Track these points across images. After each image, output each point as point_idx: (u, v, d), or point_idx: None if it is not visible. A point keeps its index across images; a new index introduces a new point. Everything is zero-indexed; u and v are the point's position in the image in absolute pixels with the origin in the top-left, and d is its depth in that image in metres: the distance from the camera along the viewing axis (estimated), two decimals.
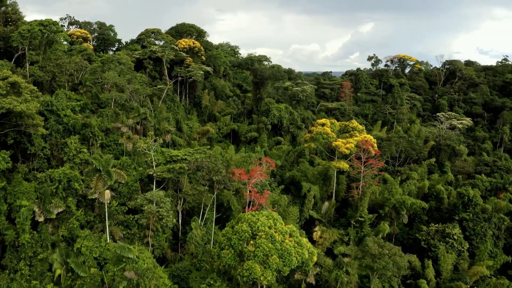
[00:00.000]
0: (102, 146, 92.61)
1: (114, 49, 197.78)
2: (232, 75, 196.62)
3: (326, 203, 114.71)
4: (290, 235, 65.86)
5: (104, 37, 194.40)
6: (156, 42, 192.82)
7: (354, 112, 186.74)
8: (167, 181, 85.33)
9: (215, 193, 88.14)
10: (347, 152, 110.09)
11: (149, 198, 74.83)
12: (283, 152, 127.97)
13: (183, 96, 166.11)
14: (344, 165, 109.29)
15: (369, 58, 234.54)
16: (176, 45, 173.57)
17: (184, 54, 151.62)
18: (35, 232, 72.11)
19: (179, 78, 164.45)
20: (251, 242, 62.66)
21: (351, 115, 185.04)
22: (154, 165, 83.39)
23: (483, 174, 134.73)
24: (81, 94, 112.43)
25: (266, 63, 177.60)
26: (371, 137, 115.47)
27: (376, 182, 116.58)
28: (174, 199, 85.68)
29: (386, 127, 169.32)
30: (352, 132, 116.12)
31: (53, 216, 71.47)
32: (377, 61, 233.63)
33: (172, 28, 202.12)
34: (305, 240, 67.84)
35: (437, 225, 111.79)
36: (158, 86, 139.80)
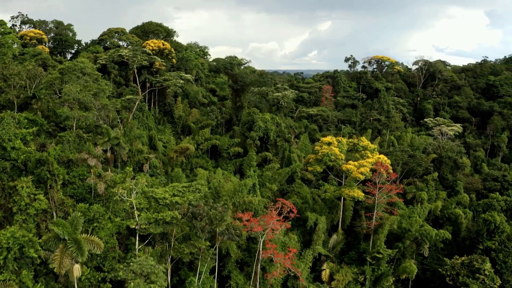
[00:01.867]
0: (64, 184, 68.81)
1: (73, 51, 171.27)
2: (204, 79, 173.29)
3: (335, 236, 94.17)
4: None
5: (61, 37, 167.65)
6: (120, 43, 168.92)
7: (337, 118, 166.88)
8: (154, 234, 62.31)
9: (217, 245, 66.00)
10: (361, 177, 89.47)
11: (135, 270, 51.73)
12: (279, 174, 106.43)
13: (151, 104, 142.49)
14: (358, 193, 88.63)
15: (346, 60, 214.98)
16: (144, 47, 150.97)
17: (159, 60, 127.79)
18: None
19: (148, 85, 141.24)
20: None
21: (336, 122, 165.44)
22: (136, 214, 60.28)
23: (497, 193, 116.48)
24: (35, 110, 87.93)
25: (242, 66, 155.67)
26: (385, 158, 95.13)
27: (395, 211, 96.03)
28: (163, 256, 63.00)
29: (379, 137, 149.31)
30: (362, 152, 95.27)
31: None
32: (355, 62, 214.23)
33: (137, 28, 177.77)
34: None
35: (462, 257, 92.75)
36: (127, 97, 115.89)
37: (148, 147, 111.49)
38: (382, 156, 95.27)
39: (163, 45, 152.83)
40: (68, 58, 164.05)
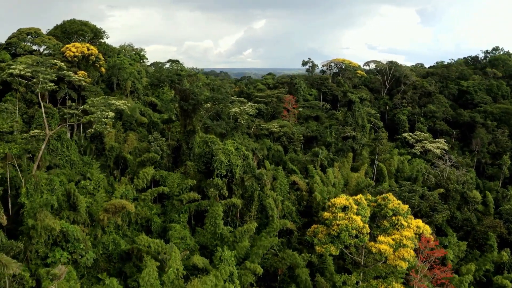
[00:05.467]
0: None
1: None
2: (142, 91, 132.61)
3: None
4: None
5: None
6: (34, 47, 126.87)
7: (302, 134, 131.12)
8: None
9: None
10: (404, 265, 54.18)
11: None
12: (263, 248, 69.53)
13: (74, 127, 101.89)
14: None
15: (304, 63, 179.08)
16: (63, 52, 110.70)
17: (75, 77, 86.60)
18: None
19: (69, 102, 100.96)
20: None
21: (302, 140, 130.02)
22: None
23: None
24: None
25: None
26: (426, 227, 60.33)
27: None
28: None
29: (365, 164, 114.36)
30: (393, 218, 59.76)
31: None
32: (313, 66, 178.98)
33: (57, 28, 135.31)
34: None
35: None
36: (32, 133, 75.42)
37: (66, 205, 71.93)
38: (420, 222, 60.40)
39: (88, 49, 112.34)
40: None
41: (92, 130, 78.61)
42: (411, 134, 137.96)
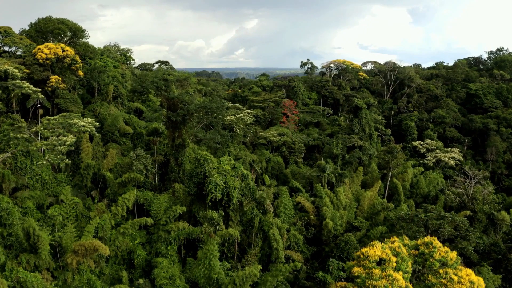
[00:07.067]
0: None
1: None
2: (126, 97, 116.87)
3: None
4: None
5: None
6: (6, 48, 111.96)
7: (304, 143, 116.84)
8: None
9: None
10: None
11: None
12: None
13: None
14: None
15: (303, 64, 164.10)
16: (34, 54, 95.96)
17: (29, 87, 70.72)
18: None
19: (41, 111, 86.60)
20: None
21: (304, 150, 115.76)
22: None
23: None
24: None
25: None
26: (479, 280, 46.00)
27: None
28: None
29: (379, 181, 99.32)
30: (441, 272, 45.29)
31: None
32: (313, 68, 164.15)
33: (31, 26, 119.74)
34: None
35: None
36: None
37: (26, 245, 57.04)
38: (472, 275, 45.98)
39: (64, 51, 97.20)
40: None
41: (44, 162, 62.35)
42: (421, 142, 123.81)
